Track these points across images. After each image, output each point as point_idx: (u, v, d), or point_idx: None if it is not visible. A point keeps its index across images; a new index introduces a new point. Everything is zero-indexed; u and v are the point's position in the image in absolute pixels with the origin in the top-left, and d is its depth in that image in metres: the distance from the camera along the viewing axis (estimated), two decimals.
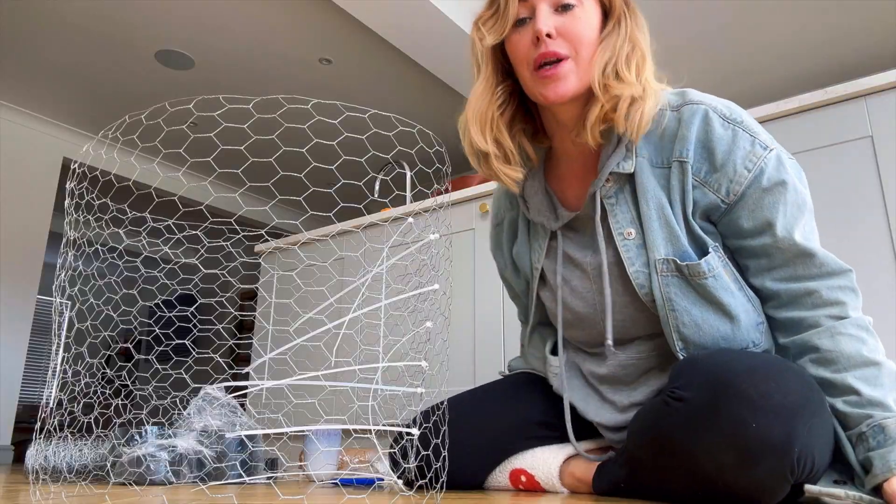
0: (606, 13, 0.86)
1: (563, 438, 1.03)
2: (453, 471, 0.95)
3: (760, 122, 1.53)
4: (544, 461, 0.98)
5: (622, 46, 0.83)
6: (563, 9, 0.84)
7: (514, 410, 1.03)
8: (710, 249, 0.83)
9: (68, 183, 0.89)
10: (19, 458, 3.83)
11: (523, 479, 1.00)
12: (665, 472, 0.77)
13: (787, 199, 0.81)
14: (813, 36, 3.40)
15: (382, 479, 1.25)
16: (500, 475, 1.02)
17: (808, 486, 0.72)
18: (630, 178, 0.87)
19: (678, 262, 0.83)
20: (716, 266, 0.83)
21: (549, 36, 0.82)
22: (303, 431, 1.69)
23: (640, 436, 0.82)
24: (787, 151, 0.85)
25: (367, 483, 1.24)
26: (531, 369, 1.10)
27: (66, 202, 0.89)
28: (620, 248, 0.87)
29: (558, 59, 0.83)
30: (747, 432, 0.66)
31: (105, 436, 1.28)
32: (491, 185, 1.95)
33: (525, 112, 0.94)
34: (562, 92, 0.83)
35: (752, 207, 0.82)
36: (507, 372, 1.17)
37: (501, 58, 0.91)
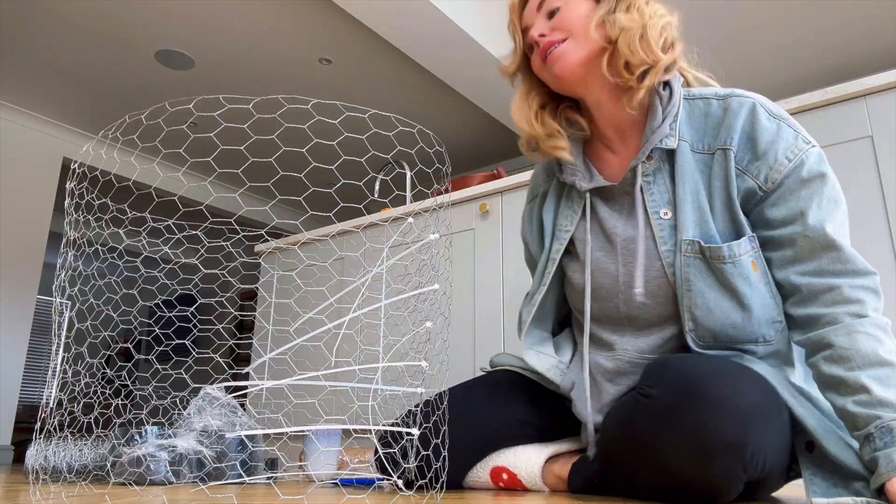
0: None
1: (541, 438, 1.04)
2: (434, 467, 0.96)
3: None
4: (527, 459, 0.99)
5: (616, 5, 0.88)
6: (551, 14, 0.93)
7: (496, 408, 1.04)
8: (747, 237, 0.84)
9: (68, 183, 0.89)
10: (19, 458, 3.83)
11: (504, 476, 1.00)
12: (633, 466, 0.80)
13: (824, 191, 0.82)
14: (813, 36, 3.40)
15: (382, 480, 1.25)
16: (481, 472, 1.02)
17: (816, 500, 0.74)
18: (670, 159, 0.89)
19: (702, 243, 0.85)
20: (739, 253, 0.83)
21: (542, 36, 0.91)
22: (303, 431, 1.69)
23: (612, 430, 0.84)
24: None
25: (367, 483, 1.24)
26: (521, 368, 1.08)
27: (66, 202, 0.89)
28: (655, 226, 0.89)
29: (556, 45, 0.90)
30: (705, 431, 0.70)
31: (105, 436, 1.28)
32: (490, 186, 1.95)
33: (570, 104, 1.00)
34: (567, 65, 0.89)
35: (788, 197, 0.83)
36: (489, 368, 1.17)
37: (532, 74, 0.99)
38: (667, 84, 0.90)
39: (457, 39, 2.95)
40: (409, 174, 2.88)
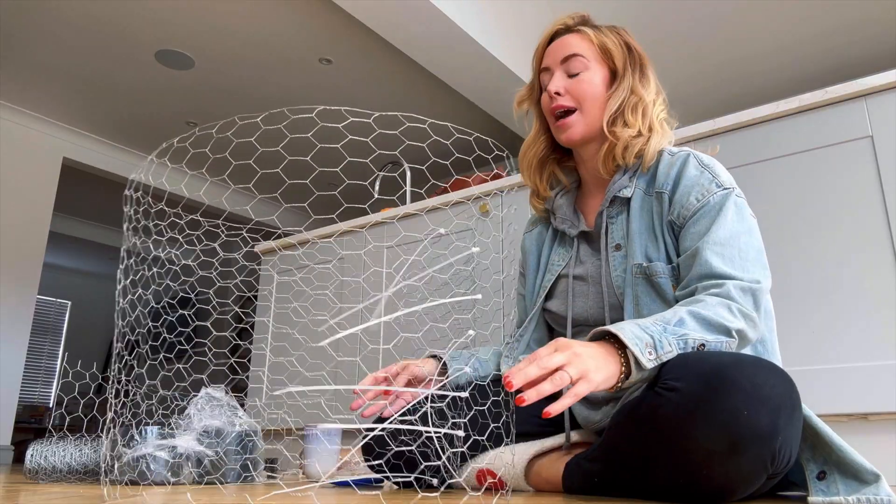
0: (615, 73, 1.08)
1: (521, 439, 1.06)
2: (418, 469, 0.99)
3: (760, 123, 1.54)
4: (510, 460, 0.99)
5: (627, 99, 1.06)
6: (573, 76, 1.08)
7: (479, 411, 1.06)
8: (672, 265, 0.99)
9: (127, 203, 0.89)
10: (19, 458, 3.84)
11: (489, 479, 1.01)
12: (649, 463, 0.79)
13: (719, 223, 0.94)
14: (813, 36, 3.40)
15: (381, 480, 1.25)
16: (467, 475, 1.02)
17: (811, 499, 0.76)
18: (628, 203, 1.06)
19: (643, 265, 1.00)
20: (670, 274, 0.98)
21: (558, 94, 1.07)
22: (304, 428, 1.69)
23: (627, 427, 0.83)
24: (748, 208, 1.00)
25: (366, 483, 1.24)
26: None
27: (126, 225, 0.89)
28: (610, 258, 1.05)
29: (567, 112, 1.07)
30: (739, 419, 0.70)
31: (105, 436, 1.28)
32: (490, 186, 1.96)
33: (563, 152, 1.18)
34: (571, 137, 1.08)
35: (691, 231, 0.97)
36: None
37: (542, 116, 1.16)
38: None
39: (457, 39, 2.95)
40: (408, 173, 2.89)
